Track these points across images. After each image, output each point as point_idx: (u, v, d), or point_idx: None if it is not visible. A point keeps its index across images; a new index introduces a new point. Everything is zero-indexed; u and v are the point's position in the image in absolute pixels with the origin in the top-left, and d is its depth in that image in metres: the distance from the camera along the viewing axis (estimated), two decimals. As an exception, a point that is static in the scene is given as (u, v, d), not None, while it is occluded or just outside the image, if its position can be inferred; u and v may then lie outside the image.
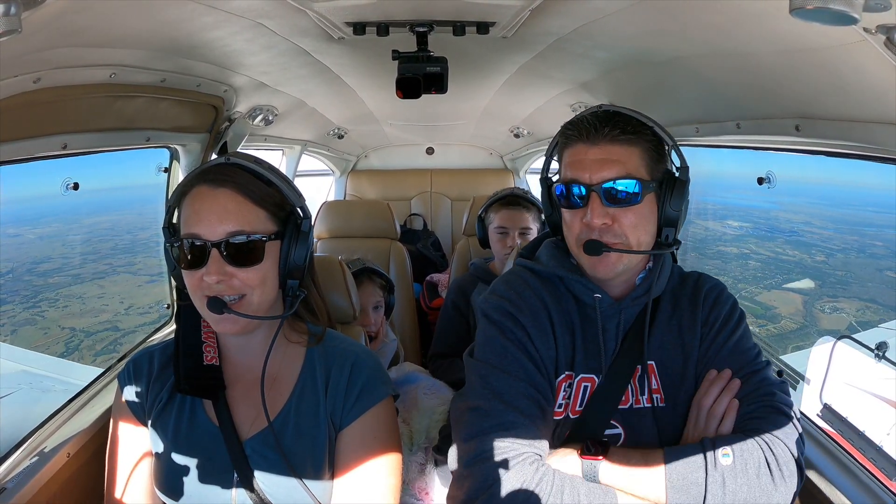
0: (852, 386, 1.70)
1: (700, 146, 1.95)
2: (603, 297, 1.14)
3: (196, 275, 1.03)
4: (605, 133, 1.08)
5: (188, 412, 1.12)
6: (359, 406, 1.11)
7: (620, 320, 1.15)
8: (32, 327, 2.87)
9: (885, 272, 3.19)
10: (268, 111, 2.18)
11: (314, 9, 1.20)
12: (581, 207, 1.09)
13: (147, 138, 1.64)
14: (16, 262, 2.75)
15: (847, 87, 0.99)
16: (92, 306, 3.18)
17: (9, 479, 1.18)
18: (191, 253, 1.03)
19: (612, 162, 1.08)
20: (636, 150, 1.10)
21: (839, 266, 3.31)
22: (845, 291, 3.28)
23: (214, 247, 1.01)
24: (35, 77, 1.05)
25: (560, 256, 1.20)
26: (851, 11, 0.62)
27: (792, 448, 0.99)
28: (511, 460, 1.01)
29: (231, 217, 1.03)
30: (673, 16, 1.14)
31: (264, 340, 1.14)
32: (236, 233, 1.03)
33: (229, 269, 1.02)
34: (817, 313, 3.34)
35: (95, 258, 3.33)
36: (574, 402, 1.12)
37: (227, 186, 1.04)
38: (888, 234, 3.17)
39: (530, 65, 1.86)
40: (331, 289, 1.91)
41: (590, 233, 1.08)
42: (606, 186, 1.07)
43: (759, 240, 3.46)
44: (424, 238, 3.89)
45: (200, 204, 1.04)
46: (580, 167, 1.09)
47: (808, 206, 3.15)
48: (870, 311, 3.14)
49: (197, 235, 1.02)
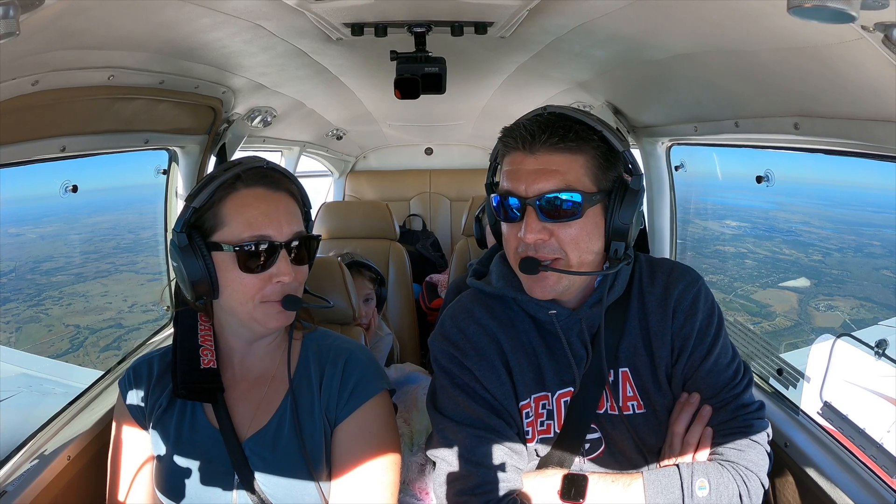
0: (853, 383, 1.70)
1: (698, 145, 1.96)
2: (559, 312, 1.09)
3: (261, 277, 1.05)
4: (542, 141, 0.99)
5: (189, 416, 1.13)
6: (353, 401, 1.11)
7: (583, 328, 1.10)
8: (37, 325, 2.89)
9: (882, 271, 3.20)
10: (266, 112, 2.18)
11: (312, 10, 1.20)
12: (517, 221, 1.02)
13: (146, 140, 1.63)
14: (18, 262, 2.76)
15: (845, 85, 0.99)
16: (95, 304, 3.20)
17: (9, 483, 1.18)
18: (260, 254, 1.05)
19: (551, 172, 0.99)
20: (579, 159, 1.01)
21: (835, 265, 3.32)
22: (841, 290, 3.30)
23: (284, 247, 1.06)
24: (33, 80, 1.05)
25: (510, 274, 1.13)
26: (849, 9, 0.62)
27: (763, 479, 1.02)
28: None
29: (294, 219, 1.10)
30: (670, 14, 1.14)
31: (271, 340, 1.17)
32: (300, 233, 1.10)
33: (294, 268, 1.08)
34: (812, 311, 3.35)
35: (98, 257, 3.35)
36: (559, 419, 1.09)
37: (284, 190, 1.10)
38: (886, 233, 3.17)
39: (528, 64, 1.86)
40: (330, 290, 1.91)
41: (526, 248, 1.01)
42: (544, 200, 0.98)
43: (756, 239, 3.46)
44: (423, 238, 3.89)
45: (266, 206, 1.07)
46: (516, 178, 1.01)
47: (806, 205, 3.16)
48: (864, 309, 3.15)
49: (267, 237, 1.05)
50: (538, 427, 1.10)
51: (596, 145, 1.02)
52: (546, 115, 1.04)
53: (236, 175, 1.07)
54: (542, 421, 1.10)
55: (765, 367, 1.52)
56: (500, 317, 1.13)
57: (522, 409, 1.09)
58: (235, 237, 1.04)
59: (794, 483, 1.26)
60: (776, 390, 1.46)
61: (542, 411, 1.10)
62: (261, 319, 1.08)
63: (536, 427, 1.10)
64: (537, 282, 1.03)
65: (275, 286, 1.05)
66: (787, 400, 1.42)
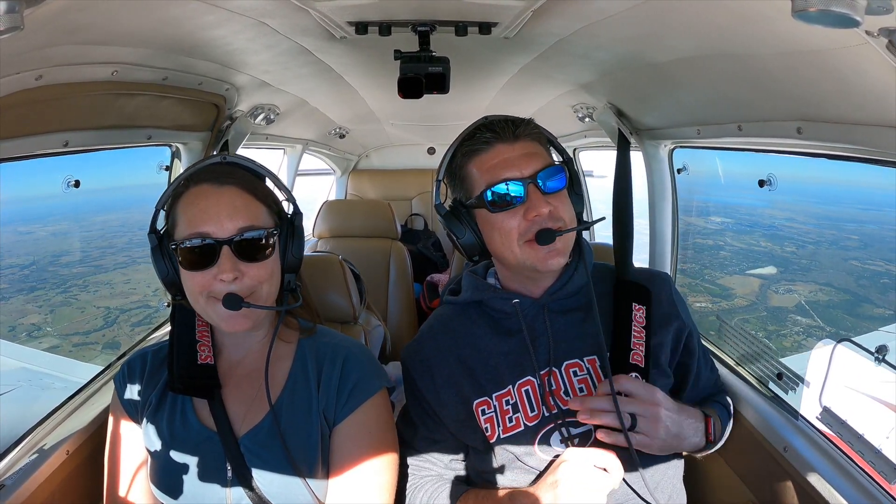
0: (852, 389, 1.69)
1: (701, 148, 1.95)
2: (522, 301, 1.20)
3: (205, 275, 1.02)
4: (522, 130, 1.14)
5: (180, 412, 1.12)
6: (352, 401, 1.10)
7: (546, 318, 1.19)
8: (69, 308, 3.06)
9: (850, 261, 3.30)
10: (269, 110, 2.18)
11: (316, 8, 1.20)
12: (520, 204, 1.10)
13: (148, 136, 1.63)
14: (36, 256, 2.87)
15: (849, 90, 0.99)
16: (121, 290, 3.34)
17: (7, 477, 1.18)
18: (200, 252, 1.01)
19: (534, 155, 1.13)
20: (542, 144, 1.18)
21: (806, 256, 3.41)
22: (804, 277, 3.41)
23: (226, 244, 1.01)
24: (37, 74, 1.05)
25: (477, 282, 1.26)
26: (854, 14, 0.62)
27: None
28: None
29: (240, 213, 1.03)
30: (674, 18, 1.14)
31: (262, 337, 1.15)
32: (247, 228, 1.02)
33: (241, 266, 1.02)
34: (770, 294, 3.50)
35: (114, 251, 3.46)
36: (524, 411, 1.16)
37: (230, 183, 1.04)
38: (868, 228, 3.23)
39: (532, 66, 1.86)
40: (330, 288, 1.91)
41: (533, 226, 1.10)
42: (544, 175, 1.11)
43: (735, 233, 3.56)
44: (425, 238, 3.90)
45: (206, 202, 1.03)
46: (507, 166, 1.11)
47: (793, 203, 3.21)
48: (822, 292, 3.28)
49: (206, 234, 1.01)
50: (506, 424, 1.16)
51: None
52: (496, 118, 1.17)
53: (189, 174, 1.07)
54: (510, 417, 1.16)
55: (764, 372, 1.51)
56: (467, 323, 1.25)
57: (478, 407, 1.18)
58: (181, 236, 1.03)
59: (793, 488, 1.25)
60: (776, 394, 1.46)
61: (506, 407, 1.16)
62: (215, 320, 1.07)
63: (498, 425, 1.16)
64: (551, 252, 1.11)
65: (220, 284, 1.02)
66: (787, 404, 1.42)
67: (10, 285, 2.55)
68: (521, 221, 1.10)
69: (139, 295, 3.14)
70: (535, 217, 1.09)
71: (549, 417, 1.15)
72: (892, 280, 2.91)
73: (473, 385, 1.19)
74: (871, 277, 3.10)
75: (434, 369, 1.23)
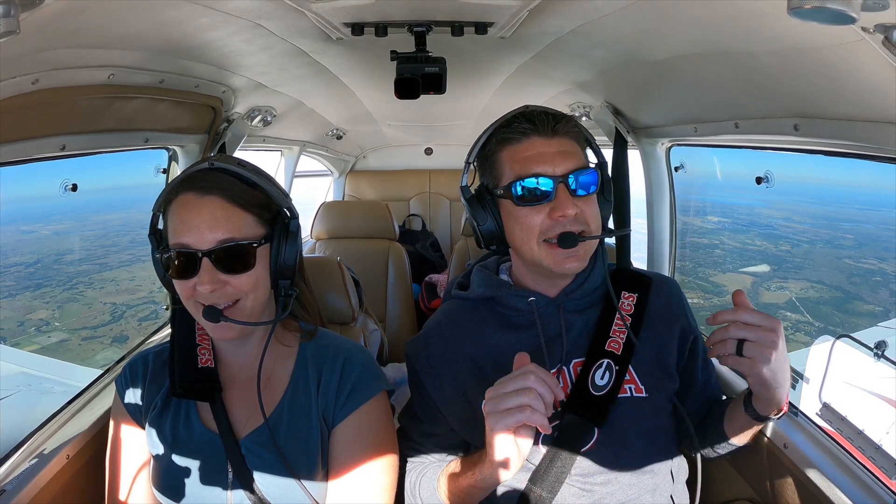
0: (852, 385, 1.70)
1: (698, 146, 1.96)
2: (538, 299, 1.17)
3: (188, 284, 1.02)
4: (562, 125, 1.10)
5: (184, 415, 1.12)
6: (351, 403, 1.10)
7: (562, 318, 1.17)
8: (76, 304, 3.10)
9: (844, 259, 3.32)
10: (266, 112, 2.18)
11: (312, 9, 1.20)
12: (547, 202, 1.07)
13: (145, 139, 1.63)
14: (40, 254, 2.91)
15: (845, 87, 0.99)
16: (126, 287, 3.40)
17: (8, 481, 1.18)
18: (181, 262, 1.01)
19: (570, 154, 1.09)
20: (579, 143, 1.13)
21: (800, 255, 3.43)
22: (796, 275, 3.44)
23: (205, 256, 1.00)
24: (33, 78, 1.05)
25: (489, 278, 1.23)
26: (849, 10, 0.62)
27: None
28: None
29: (220, 225, 1.02)
30: (671, 15, 1.14)
31: (260, 341, 1.15)
32: (226, 240, 1.01)
33: (222, 277, 1.02)
34: (762, 291, 3.54)
35: (118, 250, 3.50)
36: None
37: (213, 193, 1.03)
38: (865, 228, 3.25)
39: (529, 65, 1.86)
40: (329, 290, 1.91)
41: (556, 226, 1.07)
42: (576, 176, 1.07)
43: (732, 232, 3.58)
44: (423, 239, 3.90)
45: (188, 213, 1.02)
46: (540, 160, 1.08)
47: (790, 202, 3.24)
48: (813, 290, 3.32)
49: (186, 245, 1.01)
50: None
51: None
52: (539, 110, 1.13)
53: (178, 181, 1.07)
54: None
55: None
56: (477, 320, 1.22)
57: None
58: (167, 244, 1.04)
59: (794, 484, 1.26)
60: (775, 391, 1.46)
61: None
62: (205, 327, 1.07)
63: None
64: (571, 255, 1.09)
65: (201, 295, 1.02)
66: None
67: (16, 283, 2.60)
68: (545, 220, 1.08)
69: (144, 292, 3.18)
70: (559, 217, 1.06)
71: (556, 415, 1.12)
72: (884, 277, 2.94)
73: (481, 383, 1.14)
74: (862, 275, 3.14)
75: (440, 366, 1.20)
